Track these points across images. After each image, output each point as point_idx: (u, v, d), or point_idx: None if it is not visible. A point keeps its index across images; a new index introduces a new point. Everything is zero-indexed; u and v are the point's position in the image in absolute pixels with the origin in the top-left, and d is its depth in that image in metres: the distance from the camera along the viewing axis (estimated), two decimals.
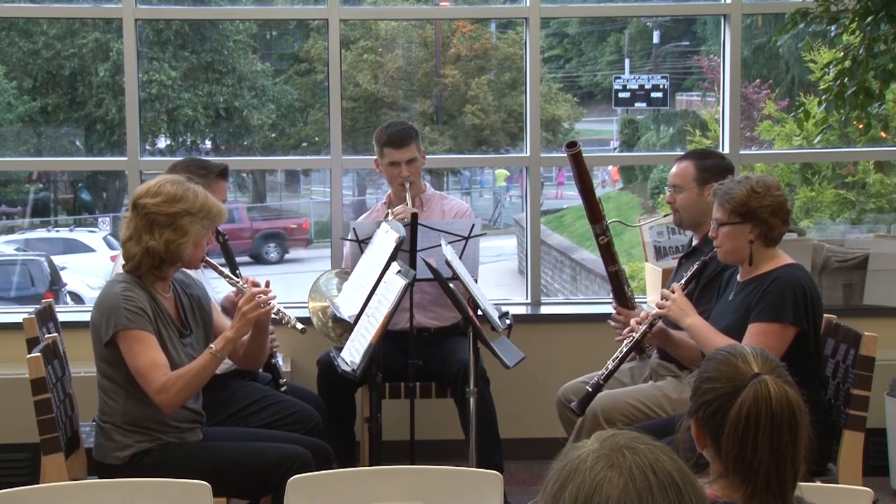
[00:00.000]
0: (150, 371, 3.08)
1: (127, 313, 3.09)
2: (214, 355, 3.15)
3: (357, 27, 14.76)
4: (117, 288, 3.15)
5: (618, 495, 1.33)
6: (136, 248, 3.17)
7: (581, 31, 18.77)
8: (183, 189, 3.20)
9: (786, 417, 1.87)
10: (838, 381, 3.50)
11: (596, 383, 3.58)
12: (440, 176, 15.16)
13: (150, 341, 3.10)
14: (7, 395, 4.48)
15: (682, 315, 3.46)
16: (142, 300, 3.13)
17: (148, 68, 13.28)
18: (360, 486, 2.48)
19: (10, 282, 11.23)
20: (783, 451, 1.86)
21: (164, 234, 3.15)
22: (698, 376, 1.98)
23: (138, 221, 3.18)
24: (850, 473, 3.38)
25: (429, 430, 4.39)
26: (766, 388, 1.88)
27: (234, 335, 3.20)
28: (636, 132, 16.69)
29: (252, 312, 3.19)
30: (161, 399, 3.09)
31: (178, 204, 3.17)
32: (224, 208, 3.33)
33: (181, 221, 3.17)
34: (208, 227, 3.27)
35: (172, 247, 3.16)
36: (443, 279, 3.52)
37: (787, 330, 3.29)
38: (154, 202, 3.17)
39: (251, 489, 3.32)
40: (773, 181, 3.43)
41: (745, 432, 1.86)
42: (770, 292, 3.32)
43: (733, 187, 3.38)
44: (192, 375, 3.13)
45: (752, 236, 3.37)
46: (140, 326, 3.09)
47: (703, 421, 1.93)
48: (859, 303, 4.85)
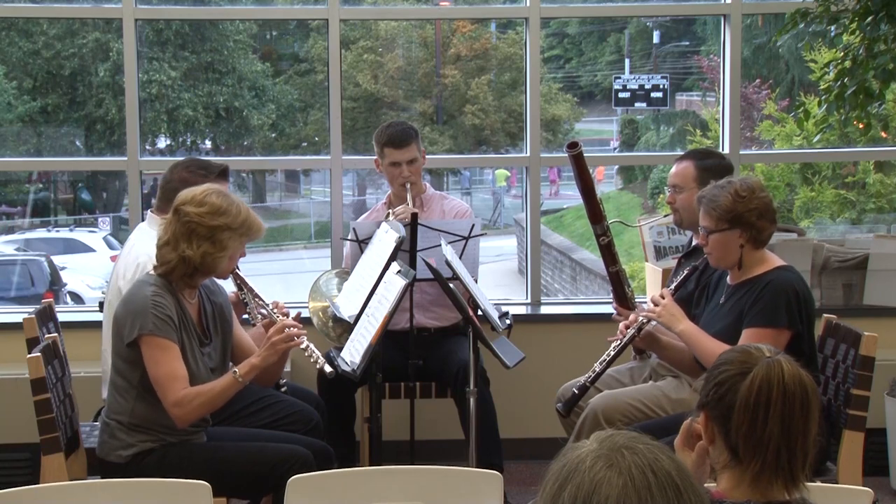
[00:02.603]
0: (170, 382, 3.07)
1: (155, 319, 3.07)
2: (237, 380, 3.15)
3: (357, 27, 14.77)
4: (148, 291, 3.13)
5: (617, 495, 1.34)
6: (171, 255, 3.15)
7: (581, 31, 18.76)
8: (227, 203, 3.18)
9: (798, 395, 1.85)
10: (838, 381, 3.50)
11: (582, 385, 3.58)
12: (440, 176, 15.16)
13: (173, 351, 3.09)
14: (7, 395, 4.48)
15: (674, 321, 3.46)
16: (170, 307, 3.12)
17: (148, 68, 13.28)
18: (360, 486, 2.48)
19: (10, 282, 11.24)
20: (794, 428, 1.84)
21: (203, 245, 3.13)
22: (710, 368, 1.97)
23: (178, 227, 3.16)
24: (850, 473, 3.38)
25: (429, 430, 4.39)
26: (780, 366, 1.87)
27: (260, 363, 3.18)
28: (636, 132, 16.69)
29: (281, 345, 3.18)
30: (176, 413, 3.09)
31: (221, 218, 3.15)
32: (263, 225, 3.29)
33: (221, 235, 3.15)
34: (245, 243, 3.26)
35: (209, 259, 3.15)
36: (443, 279, 3.52)
37: (781, 334, 3.28)
38: (197, 211, 3.15)
39: (251, 489, 3.32)
40: (756, 182, 3.41)
41: (755, 407, 1.84)
42: (763, 297, 3.31)
43: (717, 194, 3.35)
44: (212, 395, 3.13)
45: (741, 241, 3.36)
46: (165, 335, 3.08)
47: (713, 404, 1.90)
48: (859, 303, 4.85)
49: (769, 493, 1.86)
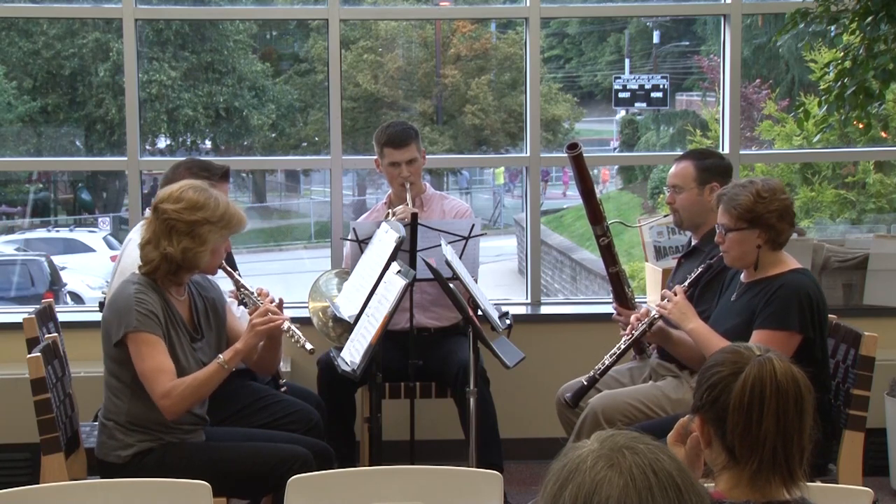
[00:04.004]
0: (156, 375, 3.08)
1: (138, 315, 3.09)
2: (222, 366, 3.15)
3: (357, 27, 14.76)
4: (131, 289, 3.15)
5: (618, 495, 1.34)
6: (153, 253, 3.17)
7: (581, 31, 18.75)
8: (205, 196, 3.18)
9: (791, 392, 1.85)
10: (838, 381, 3.50)
11: (591, 377, 3.58)
12: (440, 176, 15.16)
13: (159, 345, 3.10)
14: (7, 395, 4.48)
15: (684, 319, 3.45)
16: (154, 303, 3.13)
17: (148, 68, 13.28)
18: (360, 486, 2.48)
19: (10, 282, 11.23)
20: (790, 425, 1.84)
21: (183, 241, 3.14)
22: (702, 370, 1.97)
23: (158, 226, 3.17)
24: (850, 473, 3.38)
25: (429, 430, 4.39)
26: (771, 363, 1.87)
27: (243, 348, 3.19)
28: (636, 132, 16.69)
29: (262, 327, 3.19)
30: (164, 404, 3.10)
31: (199, 212, 3.16)
32: (244, 217, 3.31)
33: (200, 230, 3.15)
34: (227, 236, 3.27)
35: (190, 255, 3.16)
36: (443, 279, 3.52)
37: (792, 338, 3.27)
38: (175, 208, 3.16)
39: (251, 489, 3.32)
40: (778, 184, 3.39)
41: (750, 405, 1.84)
42: (776, 299, 3.29)
43: (739, 192, 3.34)
44: (198, 384, 3.13)
45: (759, 241, 3.34)
46: (149, 330, 3.10)
47: (707, 406, 1.90)
48: (859, 303, 4.85)
49: (768, 492, 1.86)
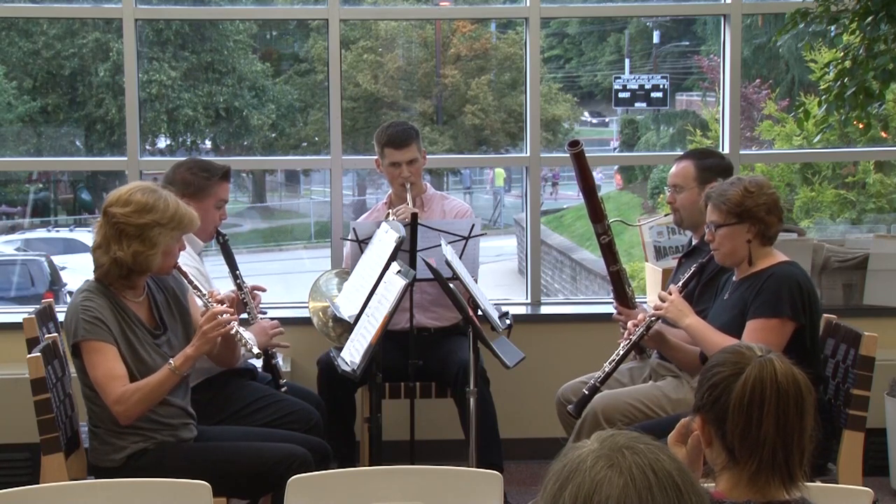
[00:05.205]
0: (108, 382, 3.07)
1: (84, 324, 3.07)
2: (173, 371, 3.12)
3: (357, 27, 14.76)
4: (78, 298, 3.14)
5: (618, 495, 1.34)
6: (104, 258, 3.13)
7: (581, 31, 18.75)
8: (154, 198, 3.13)
9: (792, 393, 1.85)
10: (838, 381, 3.50)
11: (592, 386, 3.59)
12: (440, 176, 15.16)
13: (108, 352, 3.08)
14: (7, 395, 4.48)
15: (681, 316, 3.47)
16: (101, 309, 3.10)
17: (148, 68, 13.27)
18: (360, 486, 2.48)
19: (10, 282, 11.23)
20: (790, 426, 1.84)
21: (133, 245, 3.10)
22: (703, 370, 1.97)
23: (108, 230, 3.13)
24: (850, 473, 3.38)
25: (429, 430, 4.39)
26: (772, 364, 1.87)
27: (193, 353, 3.17)
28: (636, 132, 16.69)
29: (211, 332, 3.16)
30: (118, 410, 3.09)
31: (148, 215, 3.11)
32: (196, 216, 3.25)
33: (150, 233, 3.11)
34: (179, 236, 3.22)
35: (141, 258, 3.12)
36: (443, 279, 3.52)
37: (785, 325, 3.30)
38: (123, 212, 3.11)
39: (251, 489, 3.31)
40: (764, 180, 3.45)
41: (750, 406, 1.85)
42: (766, 289, 3.32)
43: (727, 189, 3.39)
44: (149, 389, 3.10)
45: (749, 236, 3.37)
46: (97, 337, 3.07)
47: (708, 407, 1.90)
48: (859, 303, 4.85)
49: (768, 493, 1.86)
